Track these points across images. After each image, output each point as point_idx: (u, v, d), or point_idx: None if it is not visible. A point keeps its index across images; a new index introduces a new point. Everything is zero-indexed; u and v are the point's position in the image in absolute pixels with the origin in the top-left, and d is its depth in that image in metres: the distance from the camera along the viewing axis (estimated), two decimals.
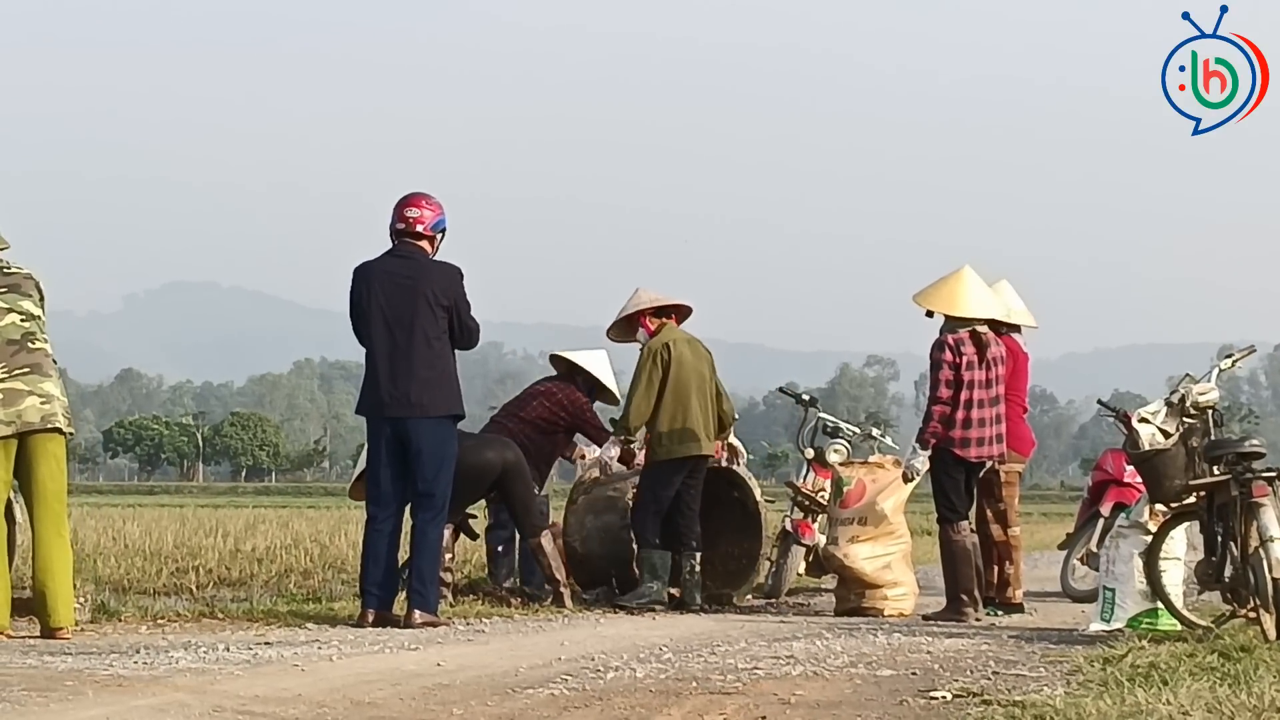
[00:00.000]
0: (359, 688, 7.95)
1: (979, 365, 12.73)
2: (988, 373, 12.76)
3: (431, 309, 11.35)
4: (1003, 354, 12.96)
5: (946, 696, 7.78)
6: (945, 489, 12.82)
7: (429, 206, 11.56)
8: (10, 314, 10.30)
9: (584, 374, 14.30)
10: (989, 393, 12.77)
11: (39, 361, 10.28)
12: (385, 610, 11.34)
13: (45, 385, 10.24)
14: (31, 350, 10.28)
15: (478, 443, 12.92)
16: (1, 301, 10.32)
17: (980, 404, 12.72)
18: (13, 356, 10.22)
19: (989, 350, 12.79)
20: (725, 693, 7.93)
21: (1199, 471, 10.75)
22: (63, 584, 10.23)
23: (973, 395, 12.70)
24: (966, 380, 12.68)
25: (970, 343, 12.75)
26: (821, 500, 14.70)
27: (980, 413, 12.72)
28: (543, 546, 13.01)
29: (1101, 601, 11.49)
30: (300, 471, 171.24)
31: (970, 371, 12.69)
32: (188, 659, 8.94)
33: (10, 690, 7.61)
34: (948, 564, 12.83)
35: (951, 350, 12.72)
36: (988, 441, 12.78)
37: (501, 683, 8.19)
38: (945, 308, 12.88)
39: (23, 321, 10.32)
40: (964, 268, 13.05)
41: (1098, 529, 15.05)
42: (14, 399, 10.15)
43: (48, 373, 10.29)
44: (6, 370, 10.19)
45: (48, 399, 10.21)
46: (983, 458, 12.81)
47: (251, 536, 23.82)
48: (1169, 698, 7.30)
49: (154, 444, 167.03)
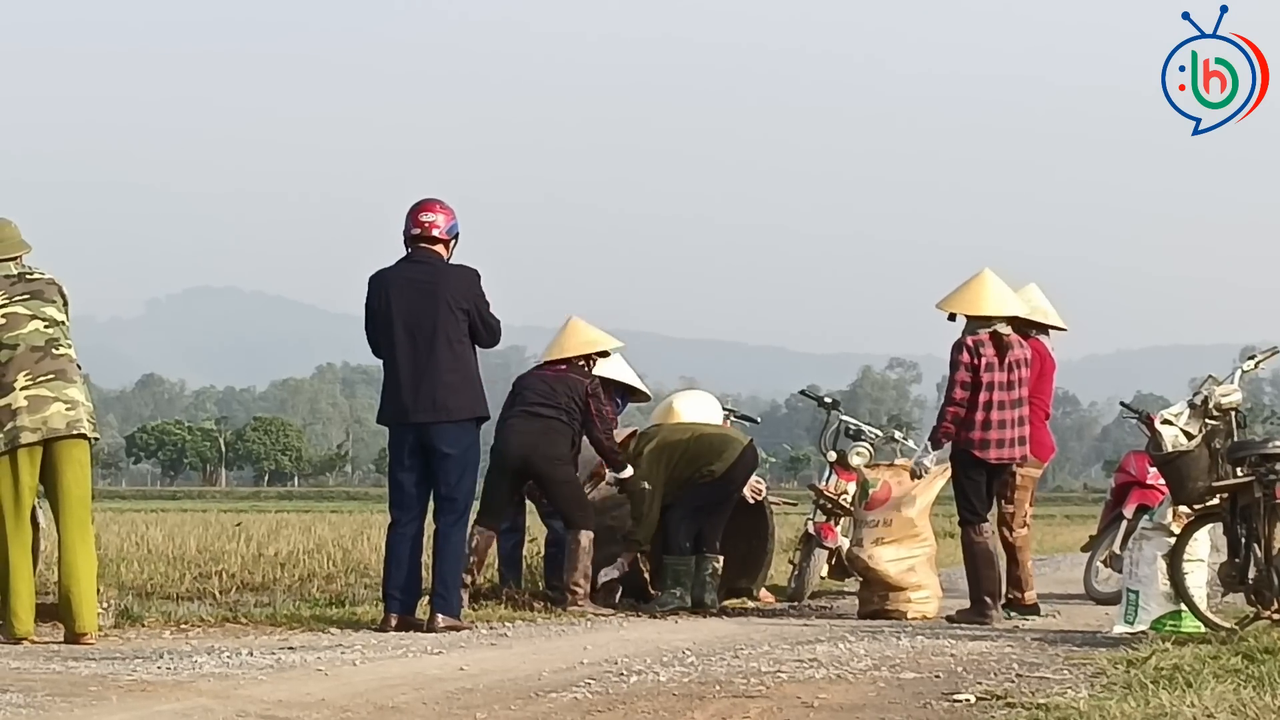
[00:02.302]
0: (382, 692, 7.95)
1: (999, 367, 12.67)
2: (1009, 374, 12.70)
3: (452, 312, 11.35)
4: (1027, 356, 12.89)
5: (970, 699, 7.77)
6: (966, 491, 12.80)
7: (443, 211, 11.58)
8: (34, 320, 10.31)
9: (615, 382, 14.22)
10: (1010, 394, 12.70)
11: (64, 368, 10.29)
12: (408, 614, 11.35)
13: (70, 391, 10.25)
14: (56, 356, 10.29)
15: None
16: (24, 308, 10.33)
17: (1000, 405, 12.66)
18: (37, 364, 10.23)
19: (1011, 352, 12.72)
20: (749, 696, 7.92)
21: (1222, 473, 10.72)
22: (87, 590, 10.25)
23: (992, 396, 12.64)
24: (986, 381, 12.63)
25: (990, 344, 12.69)
26: (844, 503, 14.69)
27: (1000, 414, 12.67)
28: (579, 542, 13.04)
29: (1125, 604, 11.47)
30: (323, 476, 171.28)
31: (990, 373, 12.64)
32: (211, 664, 8.95)
33: (34, 695, 7.63)
34: (970, 566, 12.81)
35: (970, 351, 12.67)
36: (1008, 443, 12.73)
37: (525, 686, 8.19)
38: (964, 308, 12.84)
39: (46, 328, 10.33)
40: (984, 270, 13.01)
41: (1121, 531, 15.02)
42: (40, 406, 10.16)
43: (72, 379, 10.31)
44: (31, 378, 10.20)
45: (73, 405, 10.23)
46: (1003, 459, 12.75)
47: (274, 541, 23.85)
48: (1193, 700, 7.28)
49: (176, 449, 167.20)
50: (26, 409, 10.14)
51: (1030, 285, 13.74)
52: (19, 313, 10.31)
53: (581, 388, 13.18)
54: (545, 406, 13.15)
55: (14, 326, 10.27)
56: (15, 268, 10.46)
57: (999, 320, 12.78)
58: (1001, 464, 12.78)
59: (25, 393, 10.17)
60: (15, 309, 10.31)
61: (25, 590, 10.28)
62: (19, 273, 10.45)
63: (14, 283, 10.39)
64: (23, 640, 10.18)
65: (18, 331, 10.26)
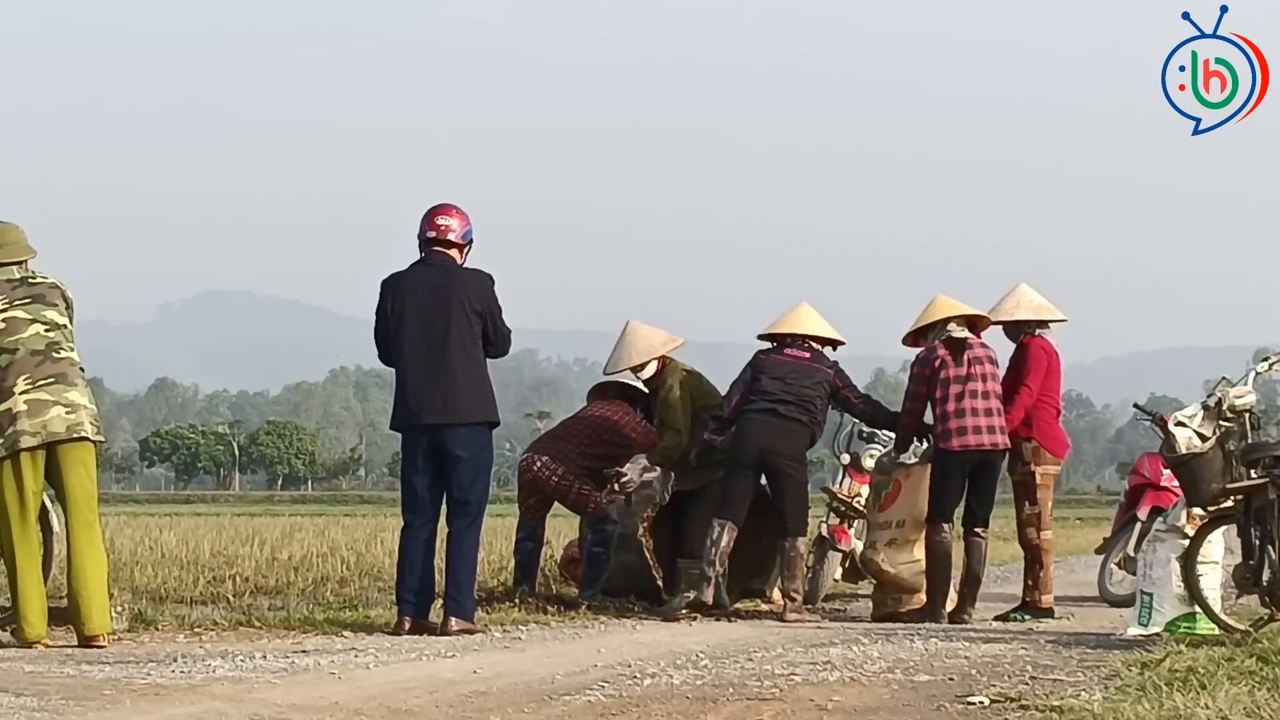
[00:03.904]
0: (396, 695, 7.96)
1: (954, 364, 12.99)
2: (968, 369, 12.99)
3: (466, 315, 11.35)
4: (989, 355, 13.15)
5: (984, 702, 7.76)
6: (935, 489, 13.11)
7: (458, 216, 11.60)
8: (34, 324, 10.31)
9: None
10: (968, 386, 12.96)
11: (64, 371, 10.29)
12: (421, 618, 11.35)
13: (70, 395, 10.25)
14: (56, 360, 10.28)
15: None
16: (25, 312, 10.33)
17: (958, 397, 12.95)
18: (37, 367, 10.24)
19: (966, 351, 13.04)
20: (762, 699, 7.92)
21: (1236, 475, 10.70)
22: (97, 590, 10.25)
23: (948, 392, 12.95)
24: (942, 379, 12.97)
25: (942, 348, 13.06)
26: (858, 505, 14.68)
27: (959, 405, 12.94)
28: (798, 550, 13.20)
29: (1139, 606, 11.45)
30: (336, 479, 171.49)
31: (945, 370, 12.98)
32: (225, 667, 8.96)
33: (48, 699, 7.64)
34: (928, 564, 12.98)
35: (920, 364, 13.15)
36: (971, 431, 12.93)
37: (538, 690, 8.19)
38: (913, 325, 13.34)
39: (47, 331, 10.33)
40: (936, 296, 13.45)
41: (1135, 533, 15.02)
42: (40, 410, 10.17)
43: (73, 382, 10.30)
44: (31, 381, 10.21)
45: (73, 408, 10.23)
46: (967, 447, 12.92)
47: (288, 545, 23.88)
48: (1207, 702, 7.27)
49: (190, 453, 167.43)
50: (26, 413, 10.15)
51: (1020, 285, 13.80)
52: (19, 317, 10.31)
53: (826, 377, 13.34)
54: (786, 404, 13.22)
55: (14, 331, 10.28)
56: (18, 272, 10.49)
57: (949, 322, 13.13)
58: (967, 451, 12.95)
59: (25, 397, 10.18)
60: (15, 313, 10.32)
61: (35, 594, 10.29)
62: (21, 277, 10.47)
63: (15, 287, 10.41)
64: (36, 644, 10.19)
65: (18, 336, 10.27)
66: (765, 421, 13.08)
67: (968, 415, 12.90)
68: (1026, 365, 13.36)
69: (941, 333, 13.13)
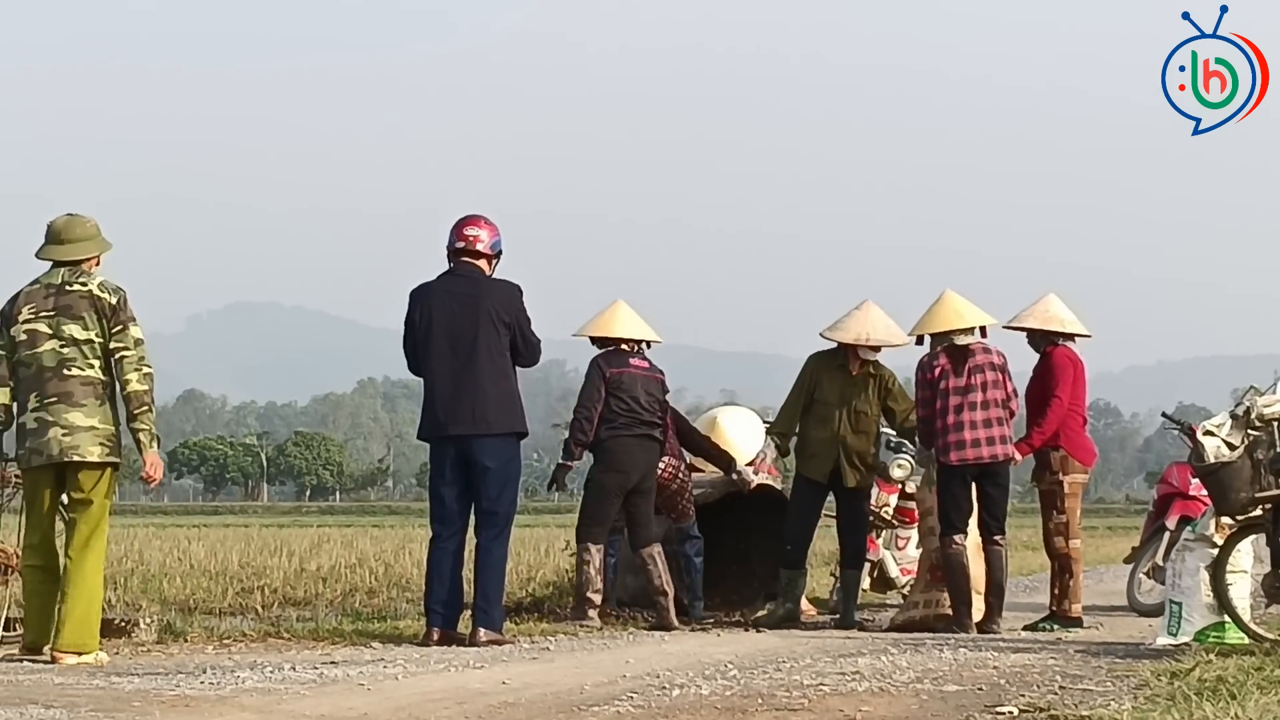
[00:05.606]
0: (424, 706, 7.96)
1: (955, 374, 12.94)
2: (968, 379, 12.94)
3: (494, 326, 11.36)
4: (992, 363, 13.07)
5: (1013, 712, 7.75)
6: (942, 501, 13.05)
7: (487, 227, 11.61)
8: (51, 340, 10.18)
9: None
10: (967, 398, 12.92)
11: (70, 390, 10.13)
12: (450, 629, 11.35)
13: (71, 416, 10.10)
14: (65, 378, 10.15)
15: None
16: (46, 325, 10.20)
17: (957, 410, 12.91)
18: (45, 385, 10.16)
19: (969, 360, 12.98)
20: (791, 709, 7.91)
21: (1265, 484, 10.69)
22: (73, 606, 10.03)
23: (948, 403, 12.92)
24: (942, 389, 12.95)
25: (945, 355, 13.01)
26: (885, 516, 14.68)
27: (958, 418, 12.92)
28: (653, 557, 13.18)
29: (1168, 615, 11.43)
30: (364, 490, 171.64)
31: (946, 380, 12.94)
32: (254, 679, 8.96)
33: (78, 711, 7.65)
34: (946, 577, 12.93)
35: (923, 369, 13.09)
36: (970, 445, 12.89)
37: (567, 700, 8.19)
38: (921, 329, 13.33)
39: (62, 348, 10.17)
40: (945, 292, 13.43)
41: (1163, 542, 14.99)
42: (42, 430, 10.13)
43: (79, 402, 10.12)
44: (39, 399, 10.16)
45: (71, 430, 10.10)
46: (965, 461, 12.89)
47: (316, 556, 23.92)
48: (1236, 712, 7.26)
49: (218, 464, 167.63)
50: (34, 432, 10.15)
51: (1049, 296, 13.82)
52: (40, 330, 10.21)
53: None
54: None
55: (33, 344, 10.19)
56: (62, 276, 10.34)
57: (958, 333, 13.06)
58: (965, 465, 12.90)
59: (34, 415, 10.16)
60: (38, 325, 10.21)
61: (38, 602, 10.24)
62: (61, 282, 10.27)
63: (48, 295, 10.25)
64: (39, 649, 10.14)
65: (35, 350, 10.18)
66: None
67: (965, 429, 12.86)
68: (1054, 376, 13.35)
69: (944, 339, 13.10)
